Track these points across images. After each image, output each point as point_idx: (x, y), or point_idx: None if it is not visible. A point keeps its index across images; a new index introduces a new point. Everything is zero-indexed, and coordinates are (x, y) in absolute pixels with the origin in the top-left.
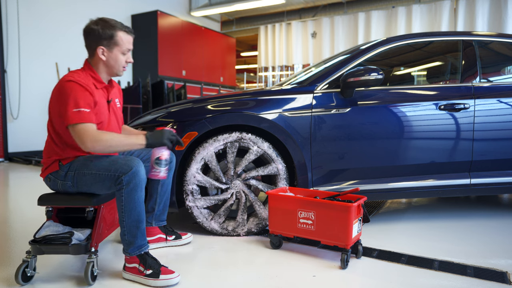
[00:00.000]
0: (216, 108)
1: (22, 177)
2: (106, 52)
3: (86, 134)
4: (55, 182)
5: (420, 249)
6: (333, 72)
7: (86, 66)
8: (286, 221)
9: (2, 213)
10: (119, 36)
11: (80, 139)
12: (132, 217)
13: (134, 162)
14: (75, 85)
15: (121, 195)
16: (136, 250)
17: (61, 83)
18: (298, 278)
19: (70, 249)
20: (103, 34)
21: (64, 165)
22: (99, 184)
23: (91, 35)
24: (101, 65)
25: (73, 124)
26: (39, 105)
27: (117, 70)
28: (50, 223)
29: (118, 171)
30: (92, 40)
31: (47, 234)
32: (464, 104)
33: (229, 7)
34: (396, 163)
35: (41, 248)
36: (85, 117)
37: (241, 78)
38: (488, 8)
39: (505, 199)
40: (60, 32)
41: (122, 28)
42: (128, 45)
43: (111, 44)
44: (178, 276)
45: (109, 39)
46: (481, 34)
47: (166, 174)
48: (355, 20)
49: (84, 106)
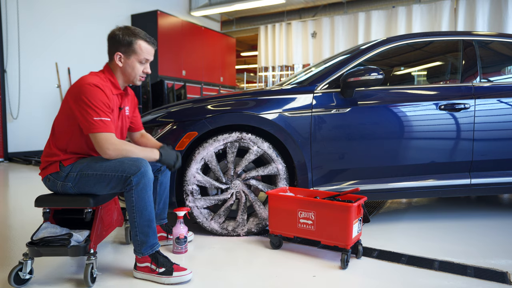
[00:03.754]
0: (216, 108)
1: (22, 177)
2: (124, 58)
3: (108, 143)
4: (54, 183)
5: (420, 249)
6: (333, 72)
7: (106, 70)
8: (286, 221)
9: (2, 214)
10: (138, 44)
11: (101, 147)
12: (144, 217)
13: (141, 162)
14: (99, 91)
15: (131, 195)
16: (149, 249)
17: (84, 85)
18: (298, 278)
19: (69, 251)
20: (123, 40)
21: (65, 166)
22: (102, 184)
23: (112, 39)
24: (118, 71)
25: (95, 133)
26: (39, 105)
27: (134, 78)
28: (47, 224)
29: (126, 172)
30: (112, 45)
31: (44, 236)
32: (465, 104)
33: (229, 7)
34: (396, 163)
35: (39, 250)
36: (107, 126)
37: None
38: (488, 8)
39: (505, 199)
40: (60, 32)
41: (144, 38)
42: (147, 55)
43: (129, 51)
44: (190, 273)
45: (127, 45)
46: (481, 34)
47: (187, 248)
48: (355, 20)
49: (106, 115)
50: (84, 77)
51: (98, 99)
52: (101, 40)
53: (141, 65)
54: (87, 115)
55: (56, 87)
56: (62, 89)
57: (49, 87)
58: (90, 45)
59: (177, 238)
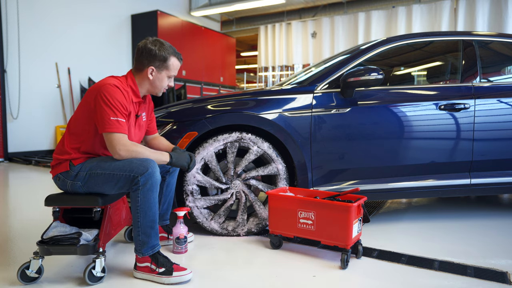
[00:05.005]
0: (216, 108)
1: (22, 177)
2: (155, 72)
3: (120, 143)
4: (64, 182)
5: (420, 249)
6: (333, 72)
7: (129, 77)
8: (286, 221)
9: (2, 214)
10: (171, 61)
11: (113, 147)
12: (148, 218)
13: (149, 163)
14: (118, 91)
15: (137, 195)
16: (149, 250)
17: (105, 84)
18: (298, 278)
19: (78, 249)
20: (159, 55)
21: (75, 165)
22: (111, 183)
23: (147, 53)
24: (146, 82)
25: (109, 132)
26: (39, 105)
27: (158, 90)
28: (57, 223)
29: (134, 172)
30: (145, 58)
31: (54, 234)
32: (464, 104)
33: (229, 7)
34: (396, 163)
35: (49, 248)
36: (121, 127)
37: (241, 78)
38: (488, 8)
39: (505, 199)
40: (60, 32)
41: (175, 55)
42: (175, 71)
43: (162, 66)
44: (190, 273)
45: (162, 61)
46: (481, 34)
47: (187, 248)
48: (355, 20)
49: (122, 116)
50: (105, 79)
51: (117, 99)
52: (101, 40)
53: (168, 80)
54: (104, 113)
55: (56, 87)
56: (62, 89)
57: (49, 87)
58: (90, 45)
59: (177, 238)
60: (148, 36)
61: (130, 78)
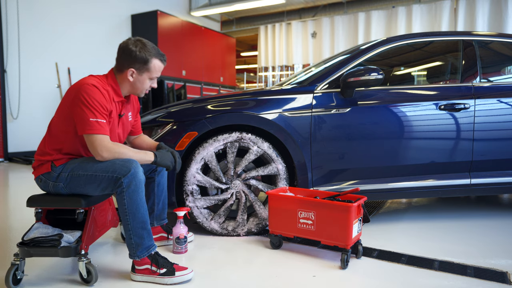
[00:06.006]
0: (216, 108)
1: (22, 177)
2: (136, 74)
3: (101, 145)
4: (46, 183)
5: (420, 249)
6: (333, 72)
7: (110, 77)
8: (286, 221)
9: (2, 214)
10: (153, 63)
11: (94, 148)
12: (137, 219)
13: (132, 163)
14: (97, 92)
15: (123, 198)
16: (144, 251)
17: (84, 85)
18: (298, 278)
19: (59, 251)
20: (139, 57)
21: (57, 166)
22: (94, 185)
23: (127, 54)
24: (126, 84)
25: (90, 134)
26: (39, 105)
27: (140, 92)
28: (39, 225)
29: (116, 172)
30: (125, 60)
31: (35, 236)
32: (464, 104)
33: (229, 7)
34: (396, 163)
35: (30, 250)
36: (102, 128)
37: (241, 78)
38: (488, 8)
39: (505, 199)
40: (60, 32)
41: (158, 56)
42: (158, 73)
43: (143, 68)
44: (192, 272)
45: (142, 63)
46: (481, 34)
47: (187, 248)
48: (355, 20)
49: (102, 116)
50: (84, 78)
51: (96, 99)
52: (101, 40)
53: (150, 81)
54: (83, 114)
55: (56, 87)
56: (62, 89)
57: (49, 87)
58: (90, 45)
59: (177, 238)
60: (131, 37)
61: (110, 77)
